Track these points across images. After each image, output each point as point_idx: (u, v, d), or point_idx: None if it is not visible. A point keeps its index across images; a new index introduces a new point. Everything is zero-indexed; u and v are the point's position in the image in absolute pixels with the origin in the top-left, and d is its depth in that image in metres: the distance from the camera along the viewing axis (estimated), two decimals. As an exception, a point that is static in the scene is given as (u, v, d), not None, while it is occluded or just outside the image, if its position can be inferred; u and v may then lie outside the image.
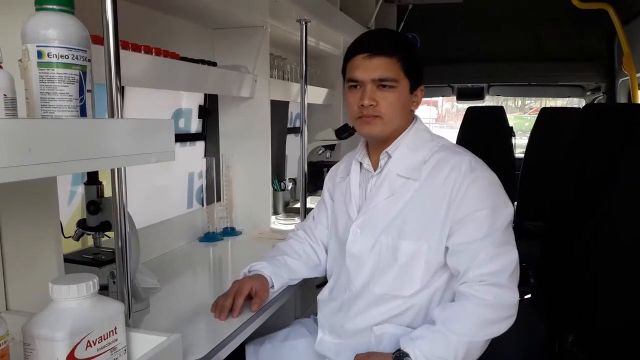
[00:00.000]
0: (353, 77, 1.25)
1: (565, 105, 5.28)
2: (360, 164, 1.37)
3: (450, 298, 1.24)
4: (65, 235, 1.27)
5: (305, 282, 1.51)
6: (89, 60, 0.79)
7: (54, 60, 0.74)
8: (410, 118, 1.31)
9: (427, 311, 1.23)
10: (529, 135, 3.91)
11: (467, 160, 1.22)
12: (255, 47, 1.93)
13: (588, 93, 4.18)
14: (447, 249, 1.20)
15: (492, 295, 1.14)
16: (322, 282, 1.48)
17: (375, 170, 1.32)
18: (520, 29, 3.76)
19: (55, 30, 0.74)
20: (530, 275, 2.41)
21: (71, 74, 0.76)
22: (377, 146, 1.32)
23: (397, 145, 1.29)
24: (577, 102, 5.26)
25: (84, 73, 0.78)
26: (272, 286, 1.35)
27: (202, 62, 1.62)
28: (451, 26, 3.74)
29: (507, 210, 1.21)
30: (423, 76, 1.30)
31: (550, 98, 6.43)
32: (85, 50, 0.78)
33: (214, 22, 1.92)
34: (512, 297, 1.17)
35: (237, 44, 1.94)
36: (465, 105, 4.59)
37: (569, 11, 2.99)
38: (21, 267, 1.03)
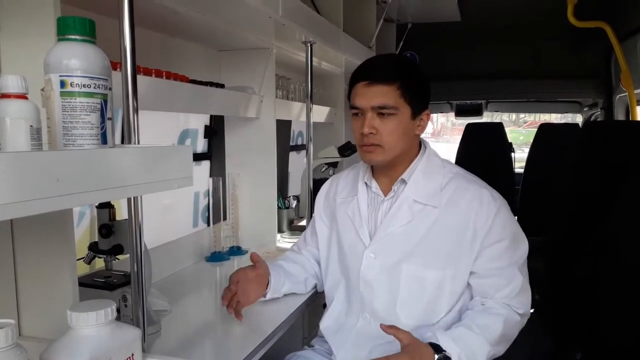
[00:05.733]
0: (354, 104, 1.27)
1: (559, 120, 5.33)
2: (366, 185, 1.35)
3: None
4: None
5: (313, 301, 1.51)
6: (110, 89, 0.79)
7: (77, 89, 0.75)
8: (415, 143, 1.32)
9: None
10: (524, 148, 3.94)
11: (486, 190, 1.27)
12: (262, 68, 1.95)
13: (585, 109, 4.21)
14: (471, 273, 1.24)
15: (517, 317, 1.25)
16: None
17: (385, 194, 1.32)
18: (519, 47, 3.81)
19: (78, 61, 0.75)
20: (535, 290, 2.40)
21: (93, 103, 0.76)
22: (383, 170, 1.32)
23: (412, 171, 1.29)
24: (572, 117, 5.30)
25: (105, 101, 0.78)
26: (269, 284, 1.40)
27: (210, 84, 1.63)
28: (450, 44, 3.78)
29: (525, 244, 1.28)
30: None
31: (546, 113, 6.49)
32: (107, 79, 0.78)
33: (221, 44, 1.94)
34: (524, 323, 1.28)
35: (244, 65, 1.96)
36: (460, 120, 4.62)
37: (567, 29, 3.02)
38: (35, 293, 1.02)
